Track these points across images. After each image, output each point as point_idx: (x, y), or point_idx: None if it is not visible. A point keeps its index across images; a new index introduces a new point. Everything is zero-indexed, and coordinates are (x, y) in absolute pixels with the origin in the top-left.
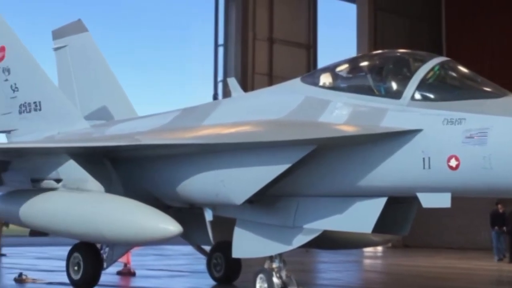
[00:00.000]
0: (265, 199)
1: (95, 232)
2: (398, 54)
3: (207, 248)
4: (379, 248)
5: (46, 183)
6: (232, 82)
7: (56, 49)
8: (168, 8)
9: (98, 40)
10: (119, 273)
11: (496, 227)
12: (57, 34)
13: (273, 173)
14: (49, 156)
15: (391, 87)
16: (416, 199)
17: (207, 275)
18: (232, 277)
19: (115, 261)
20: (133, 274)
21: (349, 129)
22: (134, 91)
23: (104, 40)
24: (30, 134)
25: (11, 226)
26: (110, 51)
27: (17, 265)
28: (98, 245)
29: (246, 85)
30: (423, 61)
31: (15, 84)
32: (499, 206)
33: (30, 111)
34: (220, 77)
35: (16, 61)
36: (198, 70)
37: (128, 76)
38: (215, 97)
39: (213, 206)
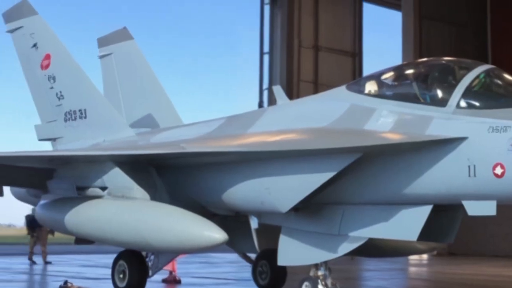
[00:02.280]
0: (311, 207)
1: (141, 240)
2: (444, 62)
3: (253, 256)
4: (425, 256)
5: (92, 191)
6: (278, 90)
7: (101, 57)
8: (214, 16)
9: (144, 48)
10: (164, 281)
11: None
12: (103, 42)
13: (318, 181)
14: (95, 164)
15: (436, 95)
16: (461, 207)
17: (252, 283)
18: (277, 285)
19: (160, 268)
20: (178, 282)
21: (395, 137)
22: (180, 99)
23: (149, 47)
24: (75, 142)
25: (57, 234)
26: (156, 59)
27: (62, 273)
28: (144, 253)
29: (292, 93)
30: (469, 69)
31: (60, 92)
32: None
33: (75, 119)
34: (265, 85)
35: (62, 69)
36: (244, 78)
37: (174, 83)
38: (260, 104)
39: (259, 214)
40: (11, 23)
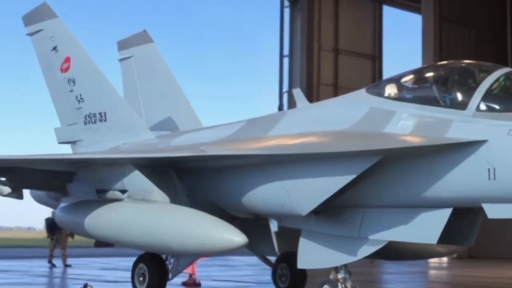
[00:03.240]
0: (330, 210)
1: (160, 243)
2: (463, 65)
3: (272, 258)
4: (444, 259)
5: (112, 194)
6: (297, 93)
7: (121, 60)
8: (235, 19)
9: (164, 51)
10: (184, 283)
11: None
12: (123, 45)
13: (338, 184)
14: (115, 167)
15: (456, 98)
16: (481, 210)
17: (272, 285)
18: None
19: (180, 271)
20: (198, 285)
21: (415, 140)
22: (199, 102)
23: (169, 50)
24: (95, 145)
25: (76, 237)
26: (176, 62)
27: (82, 276)
28: (164, 256)
29: (311, 96)
30: (488, 72)
31: (80, 95)
32: None
33: (95, 122)
34: (285, 87)
35: (81, 72)
36: (264, 81)
37: (194, 86)
38: (280, 107)
39: (278, 217)
40: (31, 26)
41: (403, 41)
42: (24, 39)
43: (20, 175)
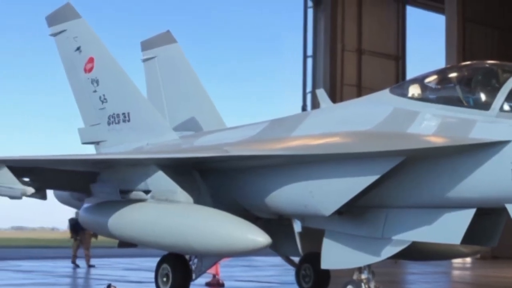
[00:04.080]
0: (354, 210)
1: (184, 243)
2: (487, 65)
3: (296, 259)
4: (468, 260)
5: (135, 194)
6: (321, 93)
7: (144, 60)
8: (258, 20)
9: (187, 51)
10: (207, 284)
11: None
12: (146, 45)
13: (362, 184)
14: (138, 167)
15: (479, 98)
16: (505, 210)
17: (296, 286)
18: None
19: (203, 272)
20: (221, 285)
21: (438, 140)
22: (223, 102)
23: (193, 51)
24: (119, 145)
25: (100, 237)
26: (199, 62)
27: (105, 276)
28: (187, 256)
29: (335, 96)
30: None
31: (103, 95)
32: None
33: (119, 122)
34: (308, 88)
35: (105, 72)
36: (287, 81)
37: (217, 87)
38: (303, 108)
39: (302, 217)
40: (55, 26)
41: (427, 42)
42: (47, 40)
43: (44, 175)
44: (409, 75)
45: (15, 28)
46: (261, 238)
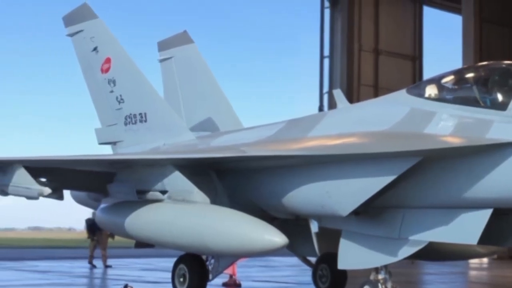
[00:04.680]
0: (371, 211)
1: (201, 243)
2: (504, 65)
3: (313, 259)
4: (485, 260)
5: (152, 195)
6: (338, 94)
7: (161, 60)
8: (275, 20)
9: (204, 52)
10: (224, 284)
11: None
12: (163, 45)
13: (378, 185)
14: (155, 168)
15: (496, 98)
16: None
17: (312, 286)
18: None
19: (220, 272)
20: (238, 286)
21: (455, 141)
22: (240, 102)
23: (210, 51)
24: (136, 146)
25: (117, 238)
26: (216, 62)
27: (122, 277)
28: (204, 257)
29: (352, 97)
30: None
31: (120, 95)
32: None
33: (135, 123)
34: (325, 88)
35: (122, 73)
36: (304, 82)
37: (234, 87)
38: (320, 108)
39: (319, 218)
40: (72, 26)
41: (443, 42)
42: (64, 40)
43: (61, 175)
44: (426, 76)
45: (32, 28)
46: (278, 238)
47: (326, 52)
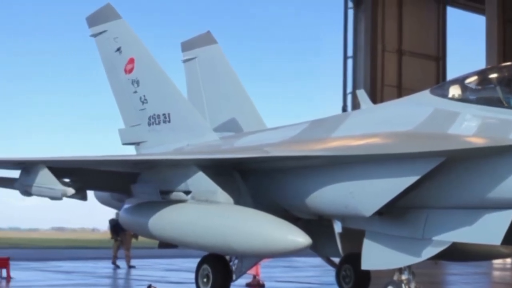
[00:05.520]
0: (394, 211)
1: (224, 244)
2: None
3: (336, 260)
4: (508, 260)
5: (175, 195)
6: (361, 94)
7: (185, 61)
8: (298, 20)
9: (227, 52)
10: (248, 285)
11: None
12: (186, 46)
13: (402, 185)
14: (179, 168)
15: None
16: None
17: (336, 287)
18: None
19: (244, 273)
20: (262, 286)
21: (479, 141)
22: (263, 103)
23: (233, 51)
24: (159, 146)
25: (140, 238)
26: (240, 63)
27: (146, 277)
28: (227, 257)
29: (375, 97)
30: None
31: (144, 96)
32: None
33: (159, 123)
34: (349, 89)
35: (145, 73)
36: (327, 82)
37: (257, 87)
38: (344, 109)
39: (342, 218)
40: (95, 27)
41: (467, 43)
42: (88, 41)
43: (85, 176)
44: (450, 76)
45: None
46: (301, 238)
47: (350, 52)
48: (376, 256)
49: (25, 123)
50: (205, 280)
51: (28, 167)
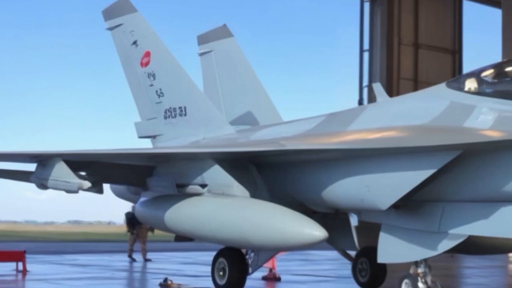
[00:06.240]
0: (410, 204)
1: (240, 237)
2: None
3: (352, 253)
4: None
5: (191, 188)
6: (377, 87)
7: (201, 54)
8: (314, 13)
9: (243, 45)
10: (264, 278)
11: None
12: (203, 39)
13: (418, 179)
14: (195, 161)
15: None
16: None
17: (352, 280)
18: (377, 282)
19: (260, 266)
20: (278, 279)
21: (495, 134)
22: (279, 96)
23: (249, 45)
24: (175, 139)
25: (156, 231)
26: (256, 56)
27: (162, 270)
28: (243, 250)
29: (391, 90)
30: None
31: (160, 89)
32: None
33: (175, 116)
34: (365, 82)
35: (161, 66)
36: (343, 75)
37: (273, 81)
38: (360, 102)
39: (358, 211)
40: (111, 20)
41: (483, 36)
42: (104, 34)
43: (101, 169)
44: (466, 69)
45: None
46: (317, 232)
47: (366, 45)
48: (392, 249)
49: (41, 117)
50: (221, 273)
51: (44, 160)
